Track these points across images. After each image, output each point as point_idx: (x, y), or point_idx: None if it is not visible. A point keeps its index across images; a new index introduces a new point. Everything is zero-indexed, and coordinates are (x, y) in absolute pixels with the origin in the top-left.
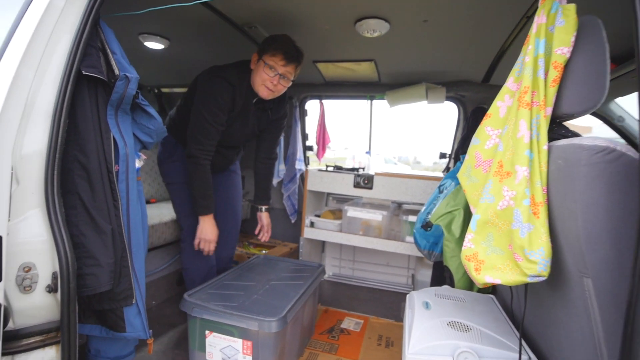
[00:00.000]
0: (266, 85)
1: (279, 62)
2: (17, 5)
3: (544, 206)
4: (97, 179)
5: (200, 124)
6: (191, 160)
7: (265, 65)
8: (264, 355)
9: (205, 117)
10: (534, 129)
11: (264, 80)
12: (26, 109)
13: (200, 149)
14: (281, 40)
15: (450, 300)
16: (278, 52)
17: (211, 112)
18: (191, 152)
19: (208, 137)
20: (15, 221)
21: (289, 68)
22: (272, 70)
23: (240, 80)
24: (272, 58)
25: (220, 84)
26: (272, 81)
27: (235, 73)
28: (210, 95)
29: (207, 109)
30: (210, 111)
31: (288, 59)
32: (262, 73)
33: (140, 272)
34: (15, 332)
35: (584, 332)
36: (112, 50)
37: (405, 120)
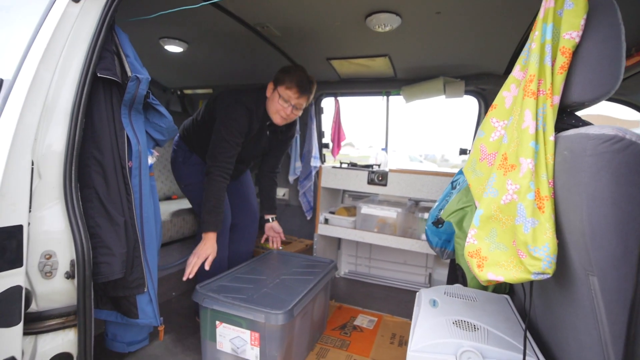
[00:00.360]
0: (280, 114)
1: (292, 95)
2: (37, 14)
3: (550, 200)
4: (111, 174)
5: (220, 144)
6: (209, 177)
7: (280, 97)
8: (271, 347)
9: (225, 138)
10: (540, 119)
11: (278, 109)
12: (46, 109)
13: (219, 167)
14: (295, 73)
15: (460, 299)
16: (293, 86)
17: (231, 134)
18: (210, 170)
19: (227, 157)
20: (38, 212)
21: (301, 100)
22: (287, 102)
23: (257, 106)
24: (286, 91)
25: (241, 110)
26: (286, 111)
27: (254, 99)
28: (231, 119)
29: (228, 131)
30: (231, 133)
31: (301, 92)
32: (276, 103)
33: (153, 263)
34: (39, 314)
35: (591, 334)
36: (125, 54)
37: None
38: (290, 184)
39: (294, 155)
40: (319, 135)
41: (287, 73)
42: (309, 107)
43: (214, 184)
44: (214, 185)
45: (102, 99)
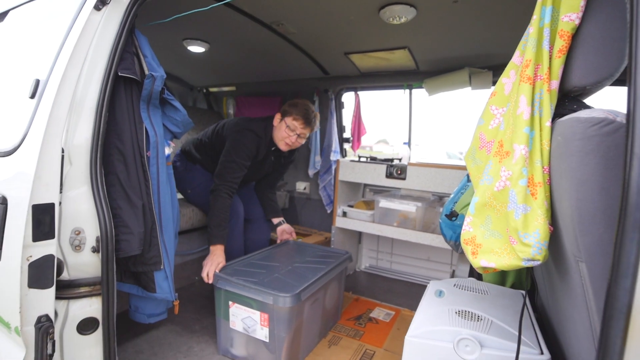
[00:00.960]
0: (286, 141)
1: (299, 125)
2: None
3: (544, 186)
4: (131, 162)
5: (229, 165)
6: (215, 194)
7: (287, 127)
8: (280, 328)
9: (234, 160)
10: (537, 104)
11: (284, 137)
12: (75, 105)
13: (224, 184)
14: (302, 107)
15: (470, 291)
16: (299, 118)
17: (240, 157)
18: (217, 187)
19: (234, 177)
20: (69, 194)
21: (306, 130)
22: (293, 132)
23: (265, 134)
24: (293, 122)
25: (251, 136)
26: (291, 139)
27: (262, 127)
28: (241, 144)
29: (237, 154)
30: (240, 156)
31: (307, 124)
32: (283, 132)
33: (170, 244)
34: (70, 282)
35: (584, 324)
36: (143, 54)
37: (473, 112)
38: (311, 178)
39: (314, 149)
40: (339, 129)
41: (295, 107)
42: (328, 101)
43: (219, 201)
44: (219, 202)
45: (123, 96)
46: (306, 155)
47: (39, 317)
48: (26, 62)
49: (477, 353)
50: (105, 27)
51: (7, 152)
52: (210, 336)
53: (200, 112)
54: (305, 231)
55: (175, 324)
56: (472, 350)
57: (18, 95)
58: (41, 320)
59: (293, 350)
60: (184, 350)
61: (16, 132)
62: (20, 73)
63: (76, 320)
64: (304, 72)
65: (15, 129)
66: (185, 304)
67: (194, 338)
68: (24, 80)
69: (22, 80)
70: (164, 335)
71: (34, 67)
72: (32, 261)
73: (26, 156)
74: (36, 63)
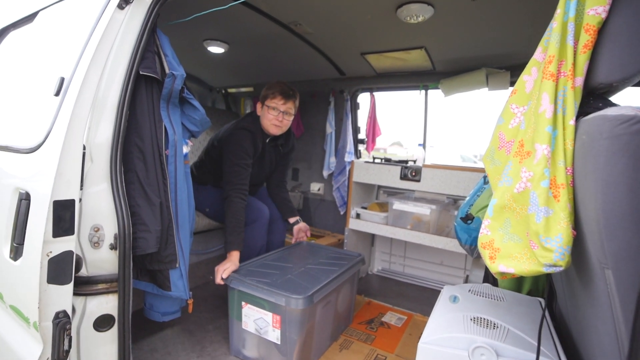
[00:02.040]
0: (273, 123)
1: (279, 102)
2: (91, 21)
3: (567, 188)
4: (150, 160)
5: (232, 169)
6: (228, 200)
7: (269, 108)
8: (291, 330)
9: (236, 163)
10: (560, 102)
11: (270, 120)
12: (97, 104)
13: (233, 189)
14: (276, 85)
15: (485, 297)
16: (277, 94)
17: (240, 157)
18: (228, 194)
19: (239, 178)
20: (90, 191)
21: (288, 105)
22: (275, 110)
23: (255, 127)
24: (273, 101)
25: (242, 133)
26: (278, 118)
27: (250, 122)
28: (236, 144)
29: (236, 156)
30: (239, 157)
31: (286, 97)
32: (268, 115)
33: (185, 242)
34: (88, 278)
35: (609, 335)
36: (164, 53)
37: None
38: (325, 179)
39: (329, 150)
40: (354, 131)
41: (270, 88)
42: (344, 102)
43: (233, 206)
44: (233, 206)
45: (143, 94)
46: (321, 156)
47: (57, 312)
48: (53, 61)
49: None
50: (128, 25)
51: (31, 149)
52: (223, 336)
53: (219, 112)
54: (319, 232)
55: (189, 323)
56: (487, 359)
57: (44, 93)
58: (59, 316)
59: (304, 353)
60: (197, 350)
61: (40, 130)
62: (48, 72)
63: (93, 317)
64: (320, 73)
65: (39, 127)
66: (199, 303)
67: (207, 338)
68: (50, 79)
69: (49, 79)
70: (177, 335)
71: (60, 65)
72: (51, 257)
73: (49, 153)
74: (62, 62)
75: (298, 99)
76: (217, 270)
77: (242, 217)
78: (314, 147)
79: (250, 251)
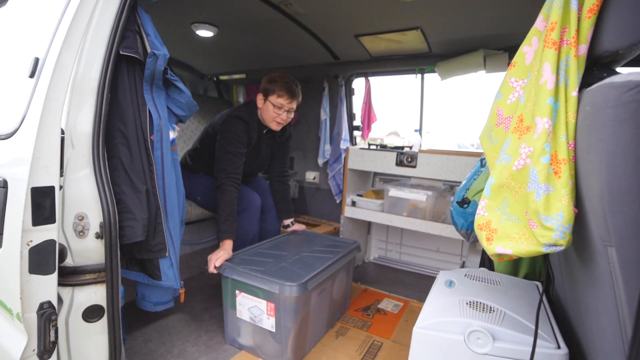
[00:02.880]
0: (276, 120)
1: (284, 102)
2: None
3: (569, 164)
4: (135, 146)
5: (225, 156)
6: (221, 189)
7: (274, 107)
8: (286, 317)
9: (229, 151)
10: (562, 72)
11: (274, 117)
12: (76, 86)
13: (227, 177)
14: (282, 81)
15: (481, 282)
16: (283, 94)
17: (234, 145)
18: (221, 182)
19: (232, 166)
20: (71, 178)
21: (293, 104)
22: (280, 109)
23: (251, 117)
24: (278, 99)
25: (237, 122)
26: (282, 117)
27: (246, 112)
28: (230, 132)
29: (230, 144)
30: (233, 145)
31: (292, 97)
32: (271, 112)
33: (175, 230)
34: (74, 268)
35: (610, 316)
36: (146, 33)
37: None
38: (320, 167)
39: (324, 137)
40: (349, 117)
41: (275, 82)
42: (338, 88)
43: (226, 194)
44: (226, 195)
45: (125, 77)
46: (316, 144)
47: (41, 303)
48: (29, 41)
49: (489, 346)
50: (105, 2)
51: (7, 134)
52: (218, 325)
53: (211, 100)
54: (314, 221)
55: (184, 313)
56: (483, 343)
57: (20, 76)
58: (43, 307)
59: (300, 340)
60: (192, 339)
61: (17, 114)
62: (24, 53)
63: (82, 308)
64: (314, 58)
65: (16, 111)
66: (194, 293)
67: (202, 327)
68: (26, 60)
69: (24, 60)
70: (172, 324)
71: (35, 45)
72: (32, 246)
73: (25, 138)
74: (37, 41)
75: (301, 94)
76: (210, 259)
77: (235, 205)
78: (308, 134)
79: (243, 240)
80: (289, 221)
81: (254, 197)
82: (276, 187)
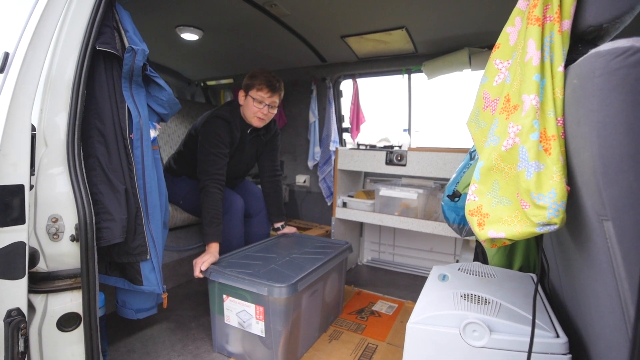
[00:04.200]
0: (257, 115)
1: (265, 95)
2: None
3: (558, 140)
4: (113, 144)
5: (208, 158)
6: (205, 191)
7: (254, 100)
8: (276, 321)
9: (209, 151)
10: (547, 49)
11: (255, 112)
12: (50, 82)
13: (210, 178)
14: (262, 75)
15: (475, 275)
16: (263, 87)
17: (215, 146)
18: (205, 184)
19: (215, 167)
20: (45, 178)
21: (274, 98)
22: (261, 103)
23: (233, 116)
24: (258, 93)
25: (218, 122)
26: (262, 111)
27: (228, 111)
28: (212, 132)
29: (210, 143)
30: (215, 145)
31: (273, 91)
32: (252, 107)
33: (157, 233)
34: (48, 274)
35: (610, 296)
36: (125, 29)
37: None
38: (311, 170)
39: (313, 140)
40: (338, 119)
41: (255, 78)
42: (326, 90)
43: (210, 196)
44: (210, 197)
45: (103, 73)
46: (305, 147)
47: (9, 311)
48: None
49: (486, 338)
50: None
51: None
52: (206, 334)
53: (198, 105)
54: (306, 225)
55: (170, 322)
56: (480, 336)
57: None
58: (11, 314)
59: (291, 345)
60: (178, 348)
61: None
62: None
63: (56, 316)
64: (301, 61)
65: None
66: (181, 301)
67: (189, 336)
68: None
69: None
70: (158, 334)
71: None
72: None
73: None
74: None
75: (283, 90)
76: (196, 263)
77: (219, 207)
78: (297, 138)
79: (227, 245)
80: (279, 224)
81: (235, 199)
82: (267, 189)
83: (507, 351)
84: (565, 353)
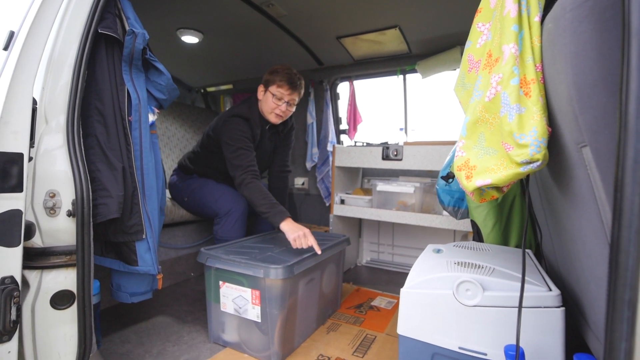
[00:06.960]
0: (275, 112)
1: (285, 92)
2: None
3: (537, 84)
4: (112, 124)
5: (236, 153)
6: (244, 185)
7: (274, 97)
8: (272, 304)
9: (236, 146)
10: (524, 2)
11: (273, 108)
12: (52, 62)
13: (245, 172)
14: (284, 72)
15: (470, 249)
16: (284, 84)
17: (239, 140)
18: (239, 180)
19: (247, 160)
20: (44, 154)
21: (294, 95)
22: (280, 100)
23: (251, 113)
24: (278, 89)
25: (238, 120)
26: (281, 108)
27: (246, 108)
28: (233, 130)
29: (237, 140)
30: (240, 140)
31: (293, 88)
32: (270, 103)
33: (153, 214)
34: (44, 250)
35: (596, 231)
36: (126, 16)
37: None
38: (309, 172)
39: (311, 141)
40: (335, 121)
41: (276, 73)
42: (324, 92)
43: (253, 186)
44: (253, 187)
45: (104, 55)
46: (303, 149)
47: (3, 278)
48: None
49: (479, 297)
50: None
51: None
52: (202, 326)
53: (198, 110)
54: (304, 225)
55: (166, 316)
56: (473, 295)
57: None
58: (5, 282)
59: (287, 332)
60: (173, 339)
61: None
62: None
63: (50, 293)
64: (299, 64)
65: None
66: (178, 298)
67: (185, 328)
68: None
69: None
70: (153, 326)
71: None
72: None
73: None
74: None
75: (303, 88)
76: (298, 239)
77: (267, 192)
78: (296, 140)
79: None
80: None
81: (239, 200)
82: (274, 183)
83: (501, 308)
84: (558, 305)
